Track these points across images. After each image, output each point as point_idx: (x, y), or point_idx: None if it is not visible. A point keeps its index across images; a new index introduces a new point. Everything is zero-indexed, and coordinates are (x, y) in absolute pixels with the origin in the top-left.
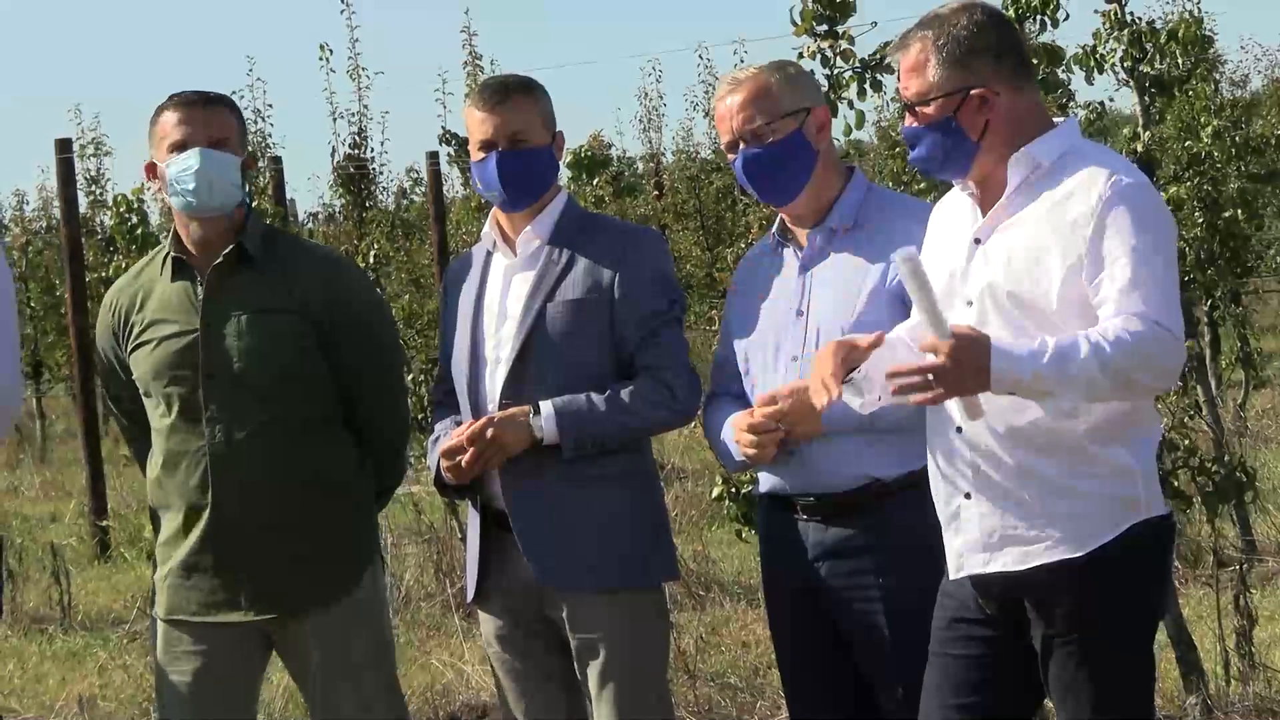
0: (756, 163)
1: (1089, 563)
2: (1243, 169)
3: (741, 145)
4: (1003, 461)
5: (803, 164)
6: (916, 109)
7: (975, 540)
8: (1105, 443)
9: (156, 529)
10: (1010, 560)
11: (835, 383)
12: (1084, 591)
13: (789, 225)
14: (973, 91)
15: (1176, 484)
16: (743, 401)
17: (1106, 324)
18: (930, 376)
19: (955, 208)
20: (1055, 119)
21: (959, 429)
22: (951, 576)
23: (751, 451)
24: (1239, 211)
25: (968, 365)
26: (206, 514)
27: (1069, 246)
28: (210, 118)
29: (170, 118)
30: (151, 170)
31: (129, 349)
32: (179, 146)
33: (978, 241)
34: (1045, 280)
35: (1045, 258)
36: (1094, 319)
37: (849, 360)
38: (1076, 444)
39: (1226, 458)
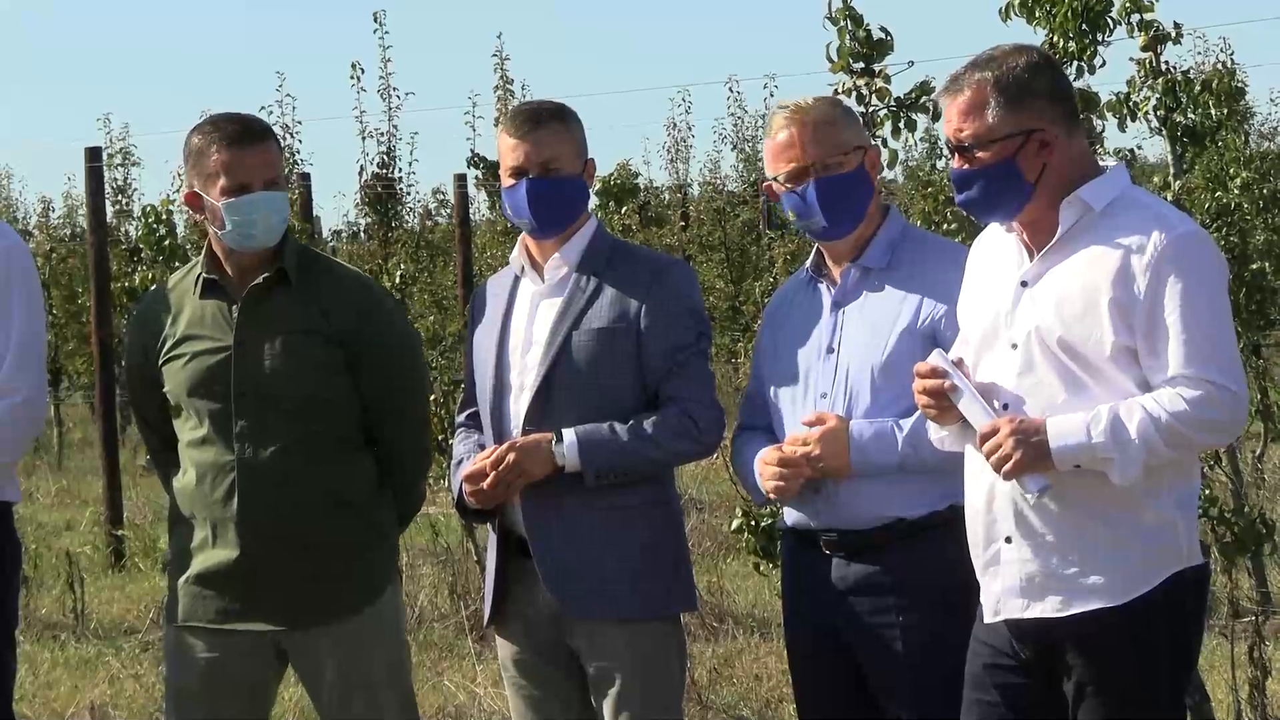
0: (829, 193)
1: (1128, 612)
2: (1270, 221)
3: (813, 174)
4: (1047, 507)
5: (865, 198)
6: (973, 152)
7: (1014, 585)
8: (1150, 493)
9: (175, 538)
10: (1049, 607)
11: (954, 415)
12: (1121, 640)
13: (826, 261)
14: (1034, 134)
15: (1198, 531)
16: (772, 435)
17: (1162, 391)
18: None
19: (997, 246)
20: (1104, 162)
21: None
22: (987, 620)
23: (773, 484)
24: (1266, 264)
25: (1029, 442)
26: (232, 526)
27: (1122, 298)
28: (264, 157)
29: (223, 157)
30: (195, 200)
31: (161, 361)
32: (237, 190)
33: (1024, 284)
34: (1097, 329)
35: (1097, 306)
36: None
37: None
38: (1121, 493)
39: (1246, 509)
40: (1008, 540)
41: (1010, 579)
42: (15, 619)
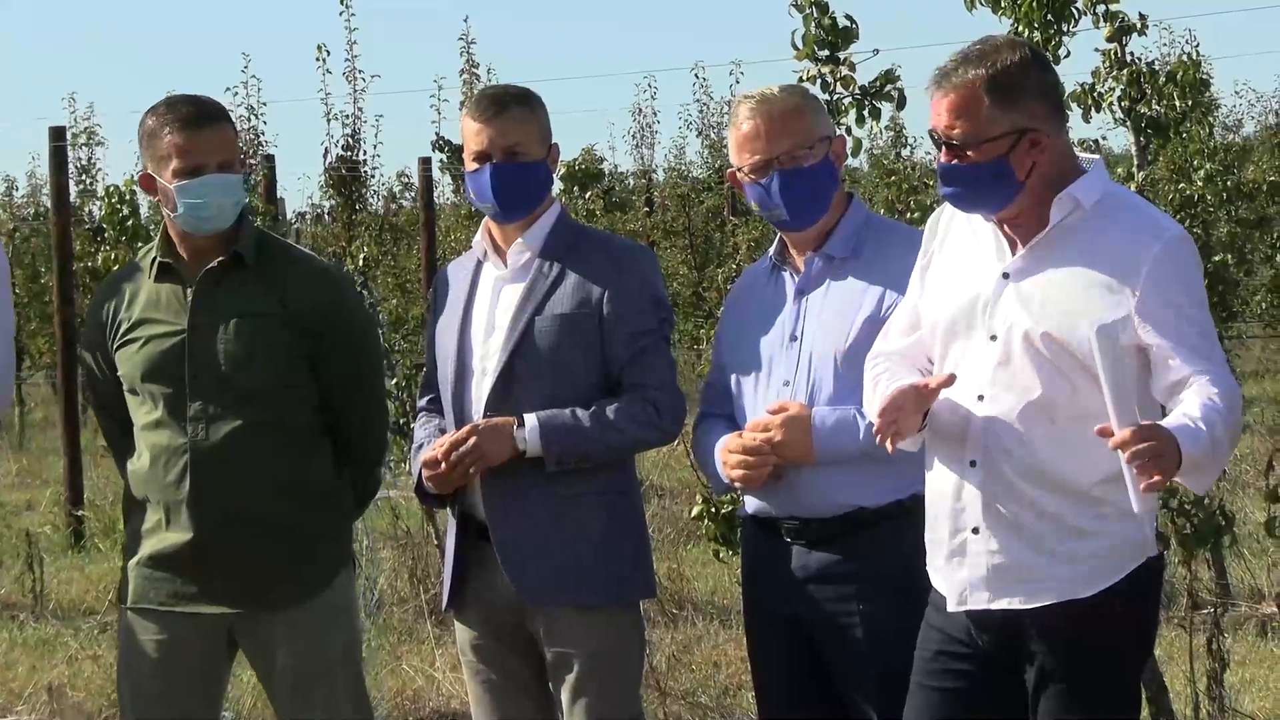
0: (793, 186)
1: (1093, 603)
2: (1233, 213)
3: (776, 166)
4: (1016, 498)
5: (829, 189)
6: (963, 150)
7: (981, 576)
8: (1117, 485)
9: (130, 521)
10: (1016, 599)
11: (915, 424)
12: (1088, 632)
13: (789, 249)
14: (1027, 134)
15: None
16: (734, 423)
17: (1206, 391)
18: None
19: (971, 228)
20: (1082, 156)
21: (972, 462)
22: (950, 609)
23: (738, 473)
24: (1229, 256)
25: (1171, 448)
26: (184, 509)
27: (1111, 304)
28: (218, 139)
29: (175, 140)
30: (149, 183)
31: (115, 346)
32: (188, 172)
33: (1006, 276)
34: (1084, 329)
35: (1084, 308)
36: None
37: (923, 402)
38: (1088, 486)
39: (1206, 500)
40: (975, 531)
41: (977, 570)
42: None
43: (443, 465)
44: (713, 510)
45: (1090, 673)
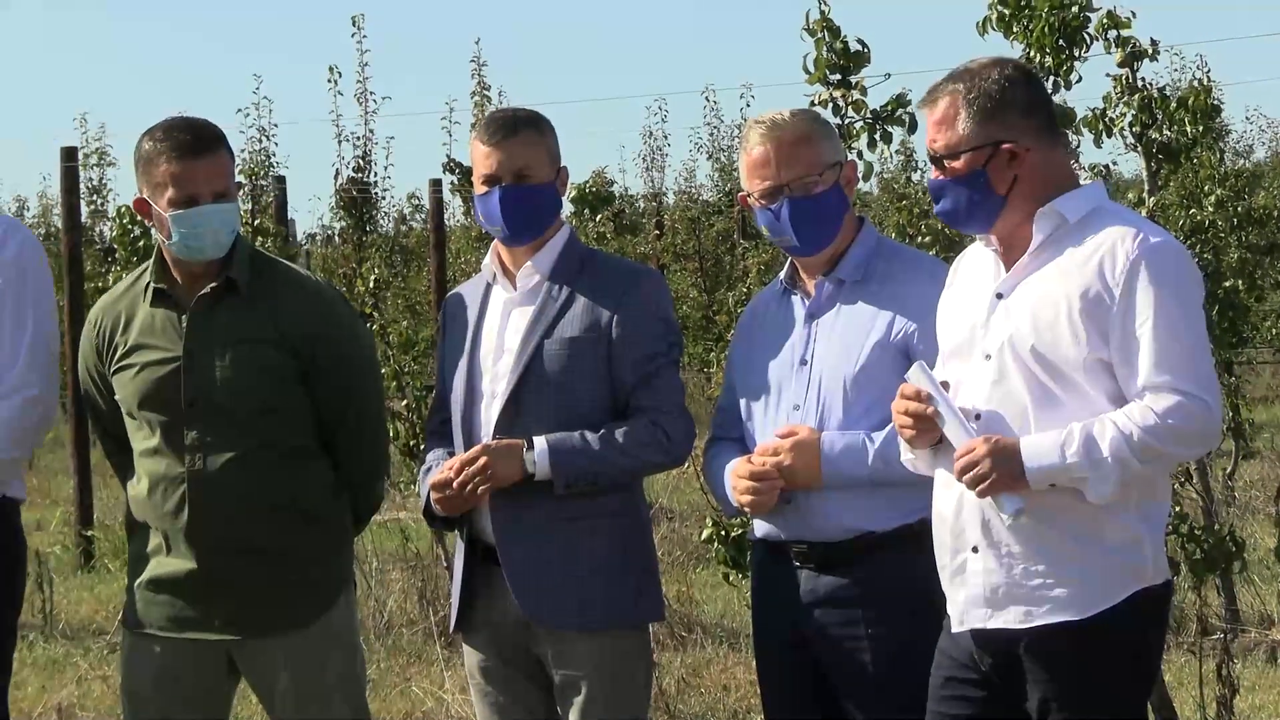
0: (802, 213)
1: (1090, 627)
2: (1244, 239)
3: (786, 193)
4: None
5: (839, 215)
6: (944, 162)
7: (979, 595)
8: (1114, 509)
9: (133, 541)
10: (1012, 618)
11: (930, 439)
12: (1082, 656)
13: (800, 273)
14: (1003, 145)
15: (1165, 549)
16: (744, 447)
17: (1133, 406)
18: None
19: (977, 261)
20: (1083, 181)
21: None
22: (953, 630)
23: (748, 498)
24: (1239, 282)
25: (1005, 462)
26: (183, 536)
27: (1095, 307)
28: (214, 168)
29: (172, 168)
30: (144, 207)
31: (112, 369)
32: (185, 202)
33: (999, 296)
34: (1069, 338)
35: (1070, 315)
36: (1117, 380)
37: (927, 422)
38: (1086, 508)
39: (1216, 526)
40: (974, 550)
41: (975, 588)
42: (18, 611)
43: (454, 484)
44: (722, 533)
45: (1088, 701)
